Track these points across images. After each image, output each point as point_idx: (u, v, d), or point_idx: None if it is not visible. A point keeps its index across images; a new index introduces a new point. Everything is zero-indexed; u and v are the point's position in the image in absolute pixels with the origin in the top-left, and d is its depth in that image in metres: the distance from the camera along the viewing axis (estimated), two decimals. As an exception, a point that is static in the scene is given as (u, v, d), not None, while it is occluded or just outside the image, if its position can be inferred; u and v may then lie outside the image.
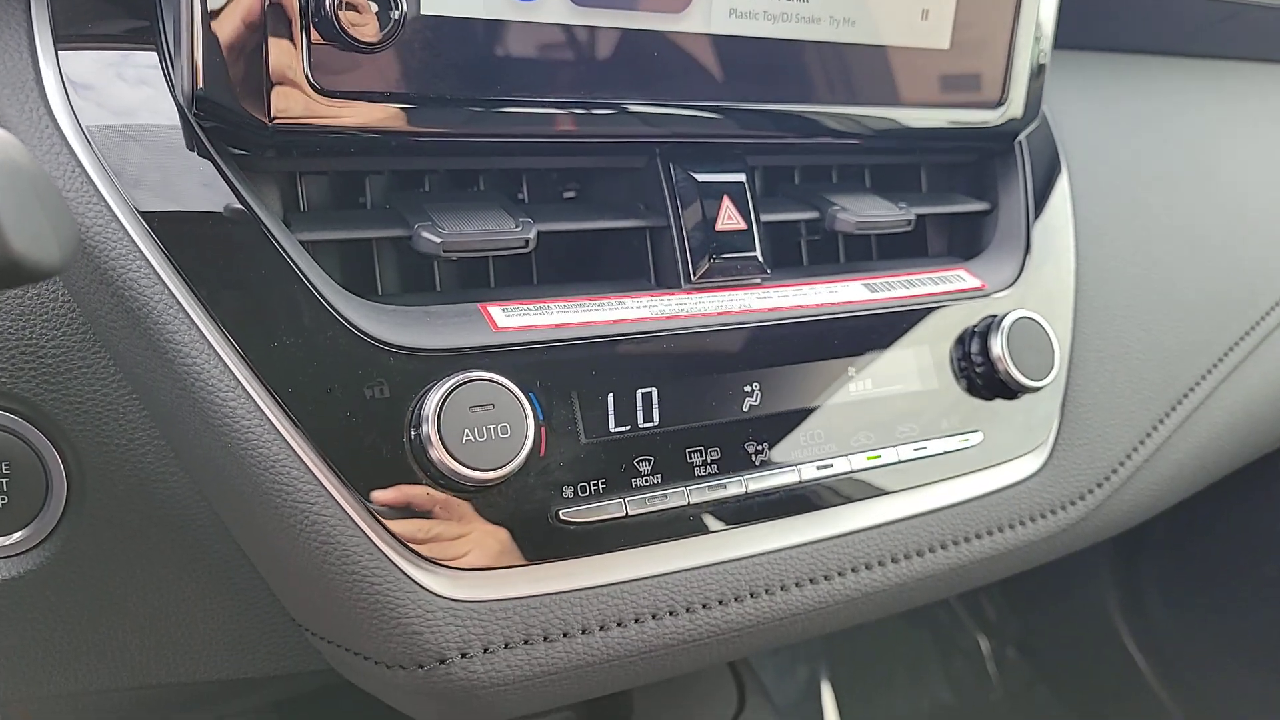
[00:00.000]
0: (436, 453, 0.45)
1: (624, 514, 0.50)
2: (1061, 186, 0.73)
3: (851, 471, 0.58)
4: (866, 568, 0.58)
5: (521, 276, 0.58)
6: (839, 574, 0.57)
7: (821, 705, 1.90)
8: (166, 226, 0.45)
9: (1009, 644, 2.09)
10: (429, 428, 0.45)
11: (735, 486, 0.54)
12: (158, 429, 0.49)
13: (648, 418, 0.52)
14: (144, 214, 0.45)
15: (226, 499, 0.48)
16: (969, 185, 0.73)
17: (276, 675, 0.58)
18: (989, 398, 0.64)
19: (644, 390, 0.53)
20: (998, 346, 0.62)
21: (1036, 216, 0.70)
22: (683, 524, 0.52)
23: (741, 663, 0.94)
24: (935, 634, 2.11)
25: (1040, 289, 0.68)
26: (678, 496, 0.52)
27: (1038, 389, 0.63)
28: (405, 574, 0.46)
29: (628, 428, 0.52)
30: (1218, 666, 1.76)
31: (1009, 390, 0.63)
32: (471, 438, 0.45)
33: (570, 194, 0.60)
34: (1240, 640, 1.71)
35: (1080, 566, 1.94)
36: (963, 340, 0.63)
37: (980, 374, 0.63)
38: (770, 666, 1.82)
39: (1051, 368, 0.64)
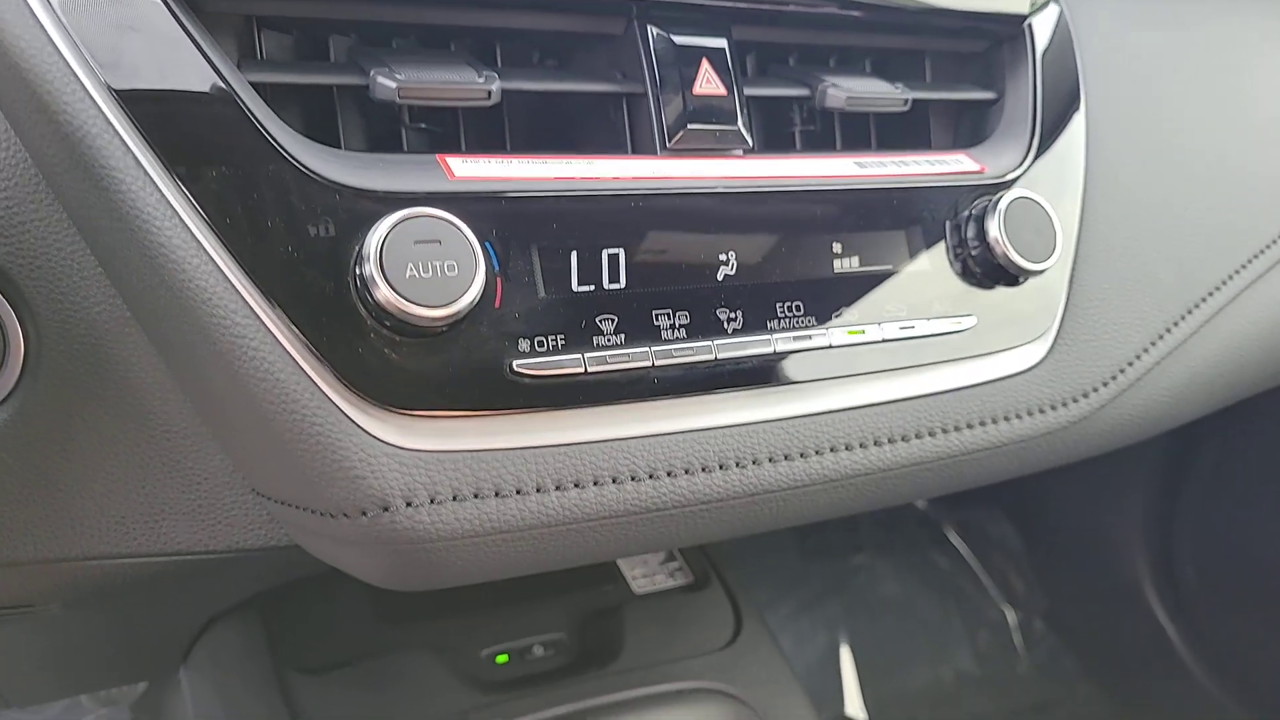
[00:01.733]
0: (381, 292, 0.43)
1: (583, 370, 0.48)
2: (1073, 77, 0.69)
3: (831, 346, 0.55)
4: (846, 448, 0.56)
5: (493, 144, 0.56)
6: (815, 452, 0.55)
7: (840, 672, 1.86)
8: (107, 57, 0.43)
9: (1036, 615, 2.04)
10: (371, 266, 0.43)
11: (704, 352, 0.51)
12: (110, 282, 0.48)
13: (613, 278, 0.50)
14: (84, 43, 0.43)
15: (170, 343, 0.47)
16: (976, 77, 0.69)
17: (237, 551, 0.57)
18: (987, 285, 0.61)
19: (610, 250, 0.50)
20: (994, 228, 0.59)
21: (1045, 106, 0.67)
22: (646, 386, 0.50)
23: (736, 586, 0.92)
24: (960, 605, 2.06)
25: (1045, 178, 0.64)
26: (641, 358, 0.50)
27: (1037, 272, 0.60)
28: (348, 417, 0.44)
29: (591, 287, 0.49)
30: (1251, 637, 1.70)
31: (1008, 275, 0.60)
32: (415, 273, 0.43)
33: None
34: (1275, 610, 1.65)
35: (1111, 536, 1.88)
36: (958, 223, 0.60)
37: (976, 257, 0.60)
38: (790, 632, 1.79)
39: (1053, 250, 0.60)
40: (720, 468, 0.52)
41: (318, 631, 0.81)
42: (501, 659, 0.83)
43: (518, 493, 0.47)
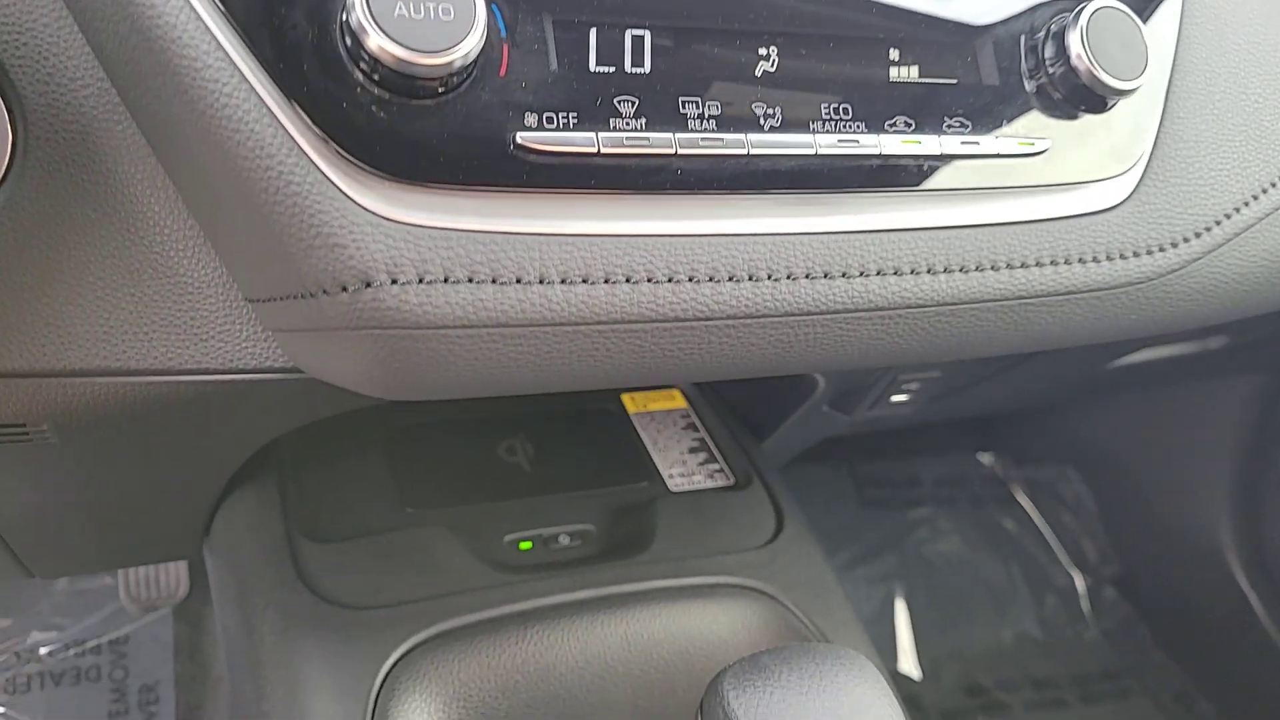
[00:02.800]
0: (369, 37, 0.38)
1: (595, 150, 0.43)
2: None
3: (882, 154, 0.48)
4: (895, 273, 0.49)
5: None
6: (860, 274, 0.49)
7: (895, 628, 1.79)
8: None
9: (1106, 581, 1.93)
10: (359, 7, 0.38)
11: (736, 146, 0.45)
12: (99, 62, 0.45)
13: (637, 62, 0.45)
14: None
15: (150, 112, 0.43)
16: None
17: (233, 373, 0.53)
18: (1067, 109, 0.53)
19: (635, 31, 0.45)
20: (1076, 41, 0.52)
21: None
22: (668, 177, 0.45)
23: (780, 489, 0.86)
24: (1025, 568, 1.96)
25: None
26: (664, 144, 0.44)
27: (1124, 91, 0.52)
28: (328, 178, 0.40)
29: (610, 69, 0.44)
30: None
31: (1091, 96, 0.53)
32: (405, 13, 0.39)
33: None
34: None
35: (1193, 497, 1.77)
36: (1034, 42, 0.53)
37: (1054, 77, 0.53)
38: (844, 583, 1.73)
39: (1142, 67, 0.53)
40: (750, 279, 0.46)
41: (335, 506, 0.78)
42: (525, 545, 0.79)
43: (518, 281, 0.42)
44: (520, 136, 0.42)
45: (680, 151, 0.44)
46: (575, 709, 0.70)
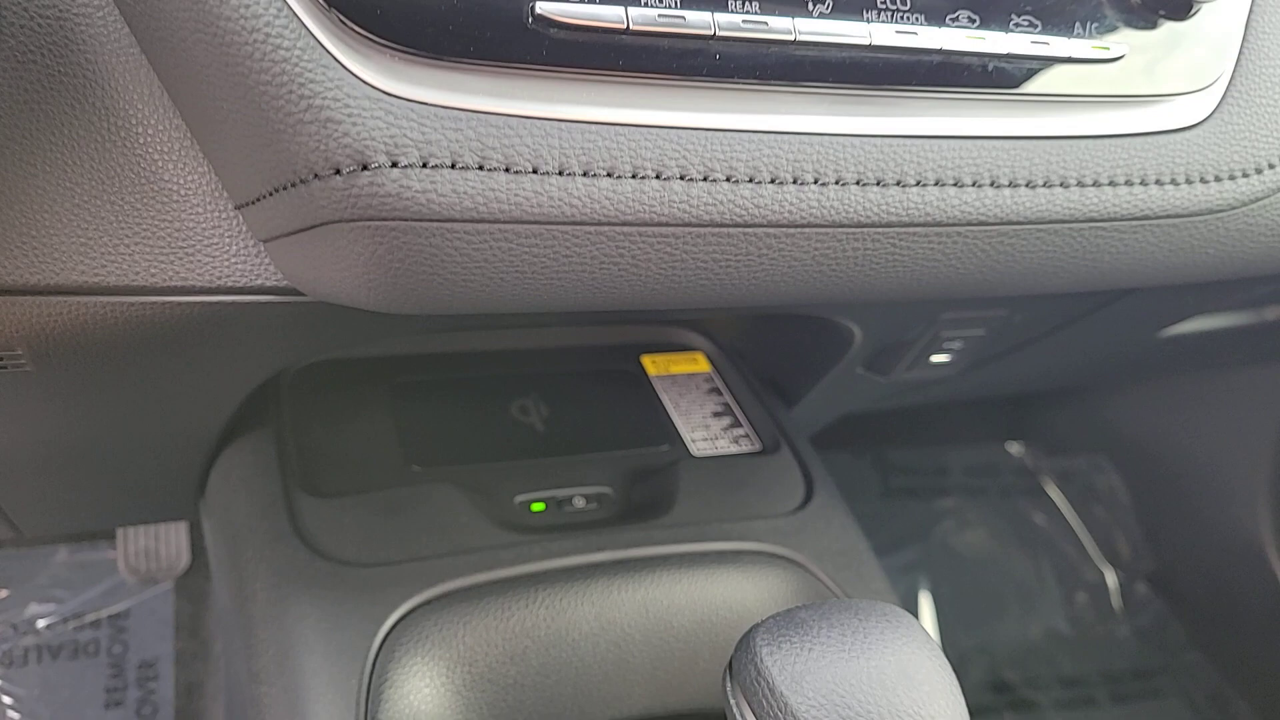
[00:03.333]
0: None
1: (624, 26, 0.38)
2: None
3: (943, 49, 0.43)
4: (955, 184, 0.44)
5: None
6: (916, 183, 0.43)
7: (918, 618, 1.72)
8: None
9: (1139, 577, 1.86)
10: None
11: (781, 30, 0.40)
12: None
13: (669, -60, 0.40)
14: None
15: None
16: None
17: (221, 292, 0.49)
18: (1145, 16, 0.48)
19: (667, -94, 0.40)
20: (1156, -64, 0.47)
21: None
22: (704, 61, 0.40)
23: (809, 455, 0.81)
24: (1055, 563, 1.90)
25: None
26: (701, 24, 0.39)
27: None
28: (321, 45, 0.35)
29: (640, -55, 0.39)
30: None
31: (1174, 1, 0.47)
32: None
33: None
34: None
35: (1233, 490, 1.70)
36: None
37: None
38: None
39: None
40: (795, 181, 0.41)
41: (335, 462, 0.74)
42: (537, 507, 0.74)
43: (534, 171, 0.37)
44: (540, 7, 0.37)
45: (719, 33, 0.39)
46: (588, 678, 0.65)
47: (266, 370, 0.58)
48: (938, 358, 0.78)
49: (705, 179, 0.40)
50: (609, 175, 0.38)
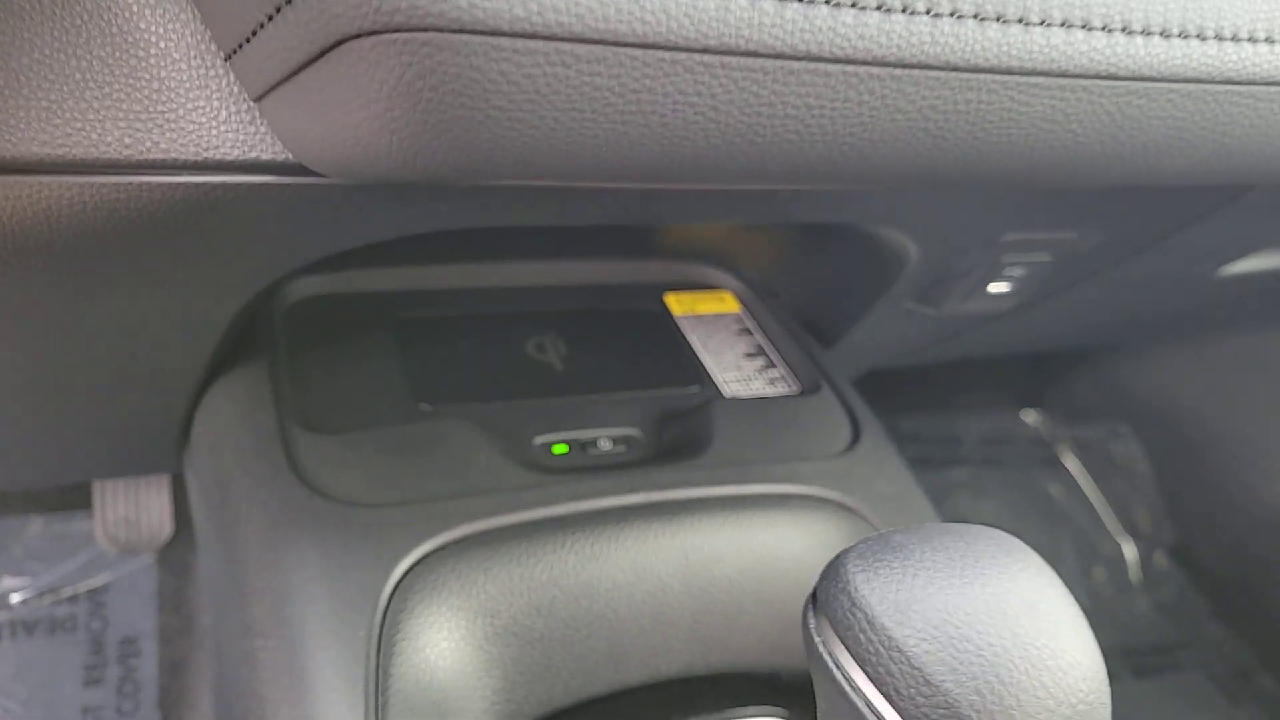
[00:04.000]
0: None
1: None
2: None
3: None
4: (1084, 27, 0.37)
5: None
6: (1040, 21, 0.36)
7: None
8: None
9: (1160, 549, 1.81)
10: None
11: None
12: None
13: None
14: None
15: None
16: None
17: (206, 168, 0.41)
18: None
19: None
20: None
21: None
22: None
23: (853, 396, 0.74)
24: (1072, 535, 1.84)
25: None
26: None
27: None
28: None
29: None
30: None
31: None
32: None
33: None
34: None
35: (1260, 457, 1.65)
36: None
37: None
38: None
39: None
40: (904, 10, 0.34)
41: (336, 399, 0.66)
42: (559, 449, 0.67)
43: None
44: None
45: None
46: (623, 633, 0.58)
47: (260, 279, 0.51)
48: (996, 287, 0.72)
49: (800, -1, 0.33)
50: (686, -15, 0.31)
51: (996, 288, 0.72)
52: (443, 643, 0.53)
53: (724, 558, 0.60)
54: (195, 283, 0.50)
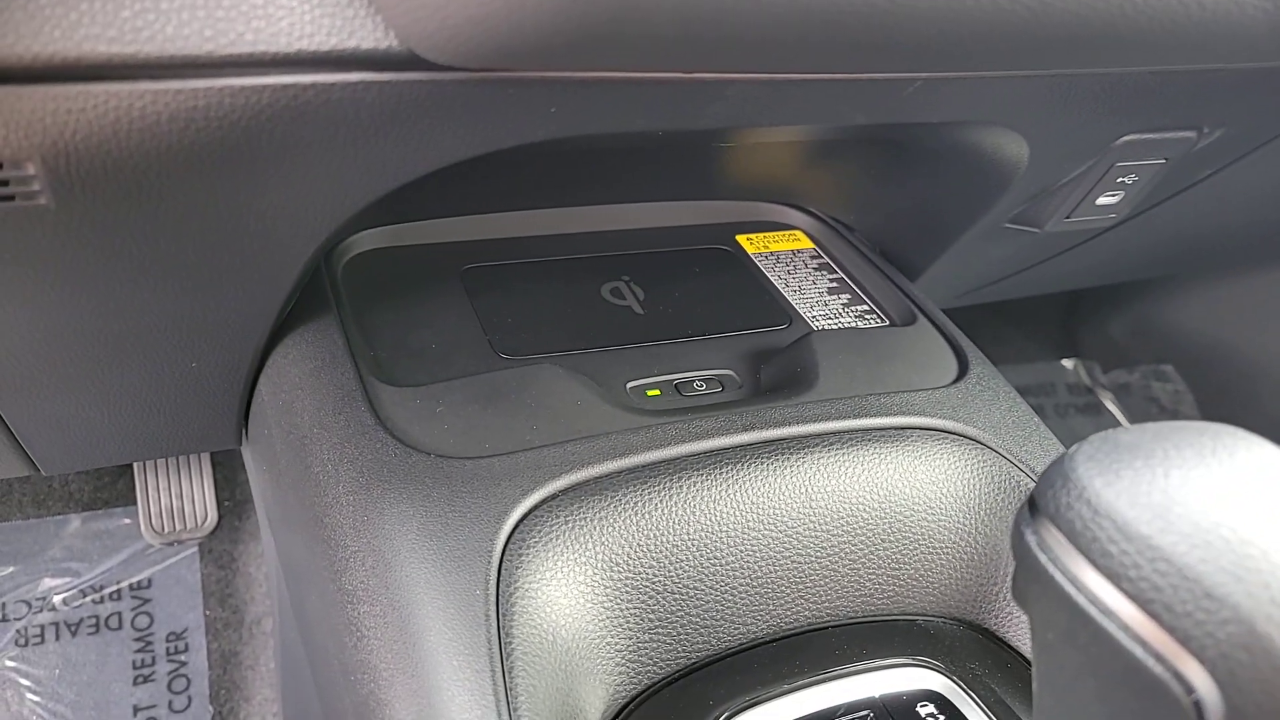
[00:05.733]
0: None
1: None
2: None
3: None
4: None
5: None
6: None
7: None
8: None
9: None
10: None
11: None
12: None
13: None
14: None
15: None
16: None
17: (290, 65, 0.36)
18: None
19: None
20: None
21: None
22: None
23: (950, 326, 0.69)
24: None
25: None
26: None
27: None
28: None
29: None
30: None
31: None
32: None
33: None
34: None
35: None
36: None
37: None
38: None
39: None
40: None
41: (412, 352, 0.62)
42: (653, 393, 0.62)
43: None
44: None
45: None
46: (750, 581, 0.53)
47: (344, 210, 0.46)
48: (1105, 199, 0.67)
49: None
50: None
51: (1106, 199, 0.67)
52: (562, 599, 0.48)
53: (847, 496, 0.56)
54: (277, 213, 0.45)
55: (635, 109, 0.44)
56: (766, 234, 0.80)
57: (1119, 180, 0.65)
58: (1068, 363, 1.87)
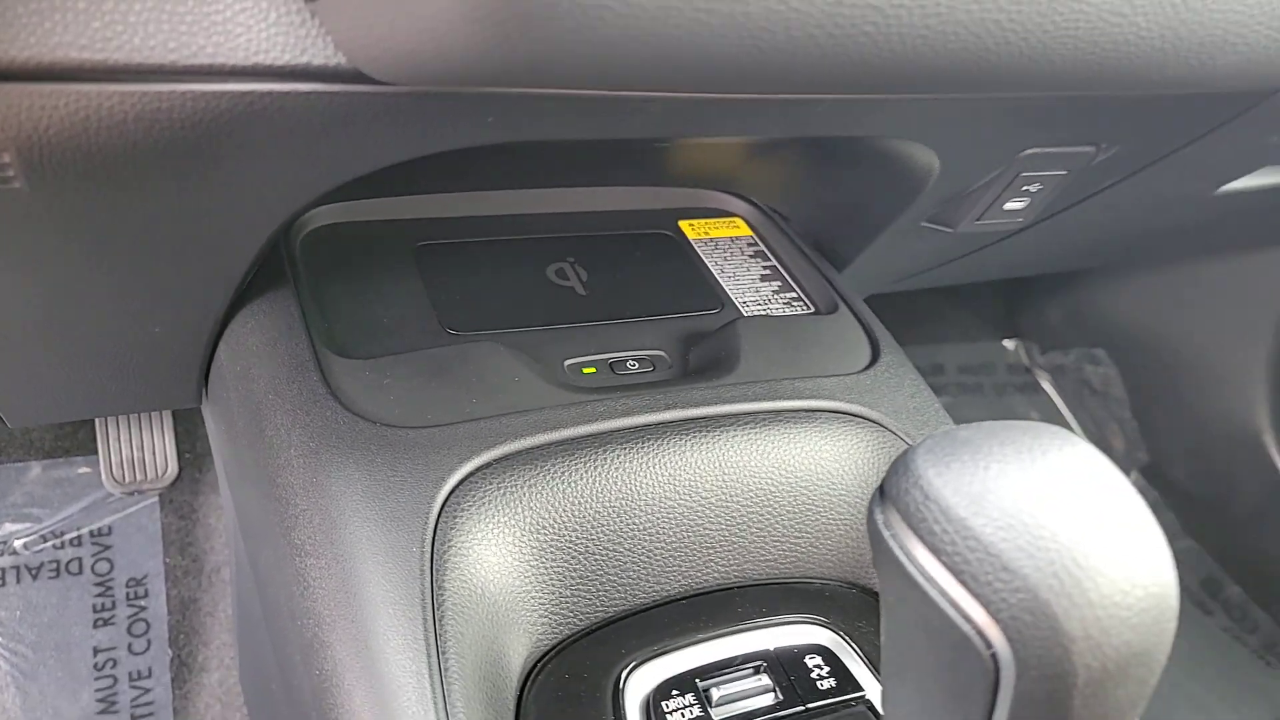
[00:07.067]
0: None
1: None
2: None
3: None
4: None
5: None
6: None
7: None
8: None
9: (1133, 469, 1.87)
10: None
11: None
12: None
13: None
14: None
15: None
16: None
17: (249, 74, 0.40)
18: None
19: None
20: None
21: None
22: None
23: (869, 316, 0.75)
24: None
25: None
26: None
27: None
28: None
29: None
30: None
31: None
32: None
33: None
34: None
35: (1230, 378, 1.70)
36: None
37: None
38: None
39: None
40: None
41: (365, 326, 0.66)
42: (589, 371, 0.67)
43: None
44: None
45: None
46: (664, 546, 0.59)
47: (301, 198, 0.50)
48: (1012, 204, 0.73)
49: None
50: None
51: (1012, 205, 0.72)
52: (491, 557, 0.54)
53: (756, 471, 0.62)
54: (234, 201, 0.49)
55: (567, 118, 0.49)
56: (708, 220, 0.85)
57: (1024, 189, 0.71)
58: (1008, 343, 1.95)
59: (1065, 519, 0.35)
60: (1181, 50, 0.42)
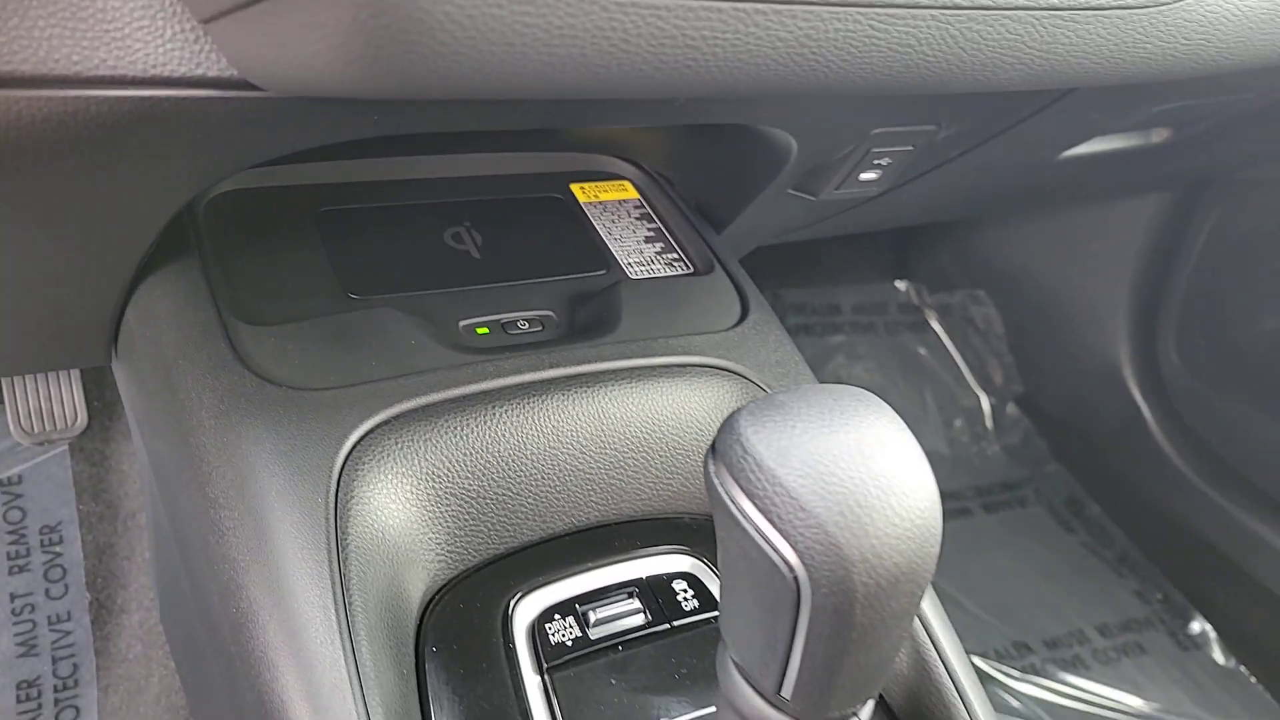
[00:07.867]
0: None
1: None
2: None
3: None
4: (934, -34, 0.44)
5: None
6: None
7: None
8: None
9: (1010, 400, 2.02)
10: None
11: None
12: None
13: None
14: None
15: None
16: None
17: (141, 84, 0.44)
18: None
19: None
20: None
21: None
22: None
23: (741, 276, 0.83)
24: (936, 391, 2.04)
25: None
26: None
27: None
28: None
29: None
30: (1227, 419, 1.70)
31: None
32: None
33: None
34: (1254, 393, 1.64)
35: (1094, 315, 1.85)
36: None
37: None
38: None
39: None
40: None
41: (269, 291, 0.71)
42: (482, 331, 0.73)
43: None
44: None
45: None
46: (548, 489, 0.67)
47: (200, 182, 0.54)
48: (866, 175, 0.80)
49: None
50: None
51: (866, 175, 0.80)
52: (390, 505, 0.60)
53: (633, 421, 0.69)
54: (137, 187, 0.53)
55: (449, 113, 0.54)
56: (598, 184, 0.91)
57: (875, 162, 0.78)
58: (900, 284, 2.07)
59: (851, 468, 0.43)
60: (966, 70, 0.50)
